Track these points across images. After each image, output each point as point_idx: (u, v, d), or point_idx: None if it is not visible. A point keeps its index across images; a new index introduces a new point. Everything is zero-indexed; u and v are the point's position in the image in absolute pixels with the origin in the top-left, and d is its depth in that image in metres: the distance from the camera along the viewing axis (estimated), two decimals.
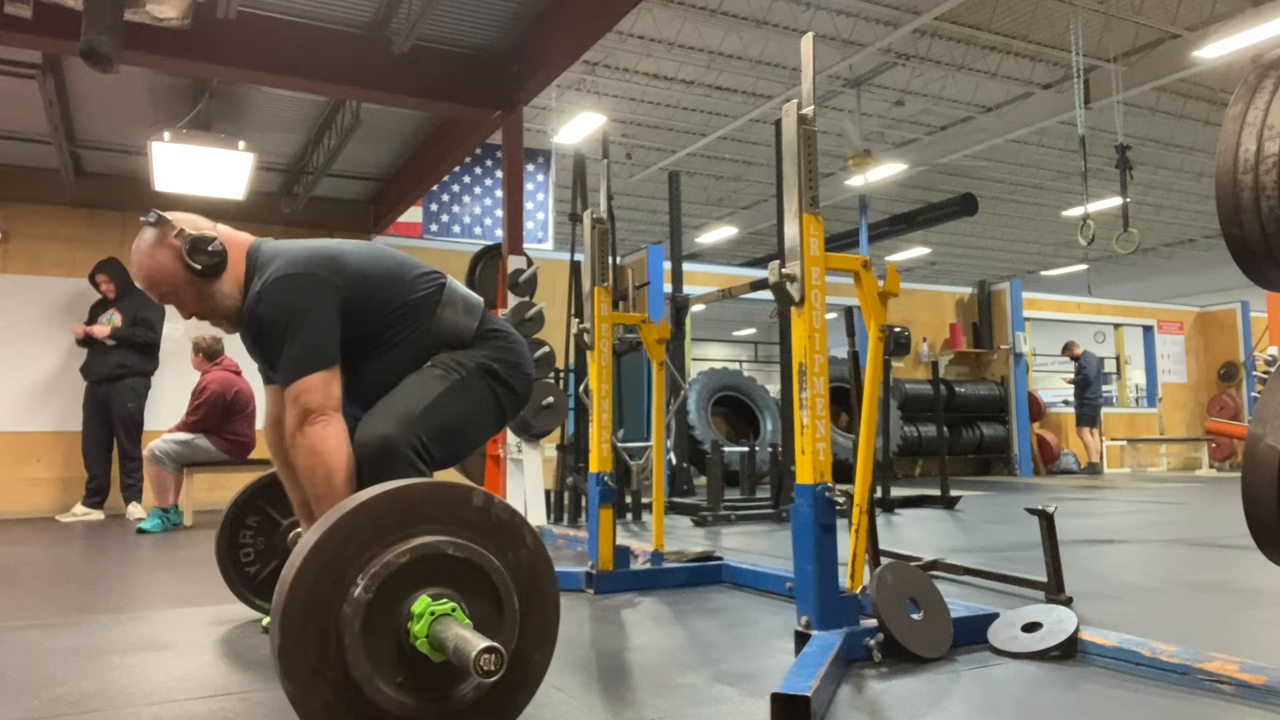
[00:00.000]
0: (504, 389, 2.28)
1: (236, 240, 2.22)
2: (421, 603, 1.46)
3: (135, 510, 6.49)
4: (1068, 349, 11.92)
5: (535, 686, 1.63)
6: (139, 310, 6.71)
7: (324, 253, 2.16)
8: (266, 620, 2.61)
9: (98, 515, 6.64)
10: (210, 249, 2.14)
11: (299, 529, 2.64)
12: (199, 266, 2.13)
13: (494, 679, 1.38)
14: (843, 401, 9.38)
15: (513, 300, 5.63)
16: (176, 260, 2.14)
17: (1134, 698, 1.84)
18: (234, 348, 6.52)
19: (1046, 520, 2.64)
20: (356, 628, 1.42)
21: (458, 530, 1.53)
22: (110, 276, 6.75)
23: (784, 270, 2.16)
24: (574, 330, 4.50)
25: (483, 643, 1.37)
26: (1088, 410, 11.58)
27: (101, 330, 6.58)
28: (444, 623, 1.44)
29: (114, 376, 6.58)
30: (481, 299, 2.39)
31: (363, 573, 1.45)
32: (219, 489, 7.17)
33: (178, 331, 7.22)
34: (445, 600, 1.47)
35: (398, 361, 2.20)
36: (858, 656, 2.10)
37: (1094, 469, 11.55)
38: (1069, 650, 2.15)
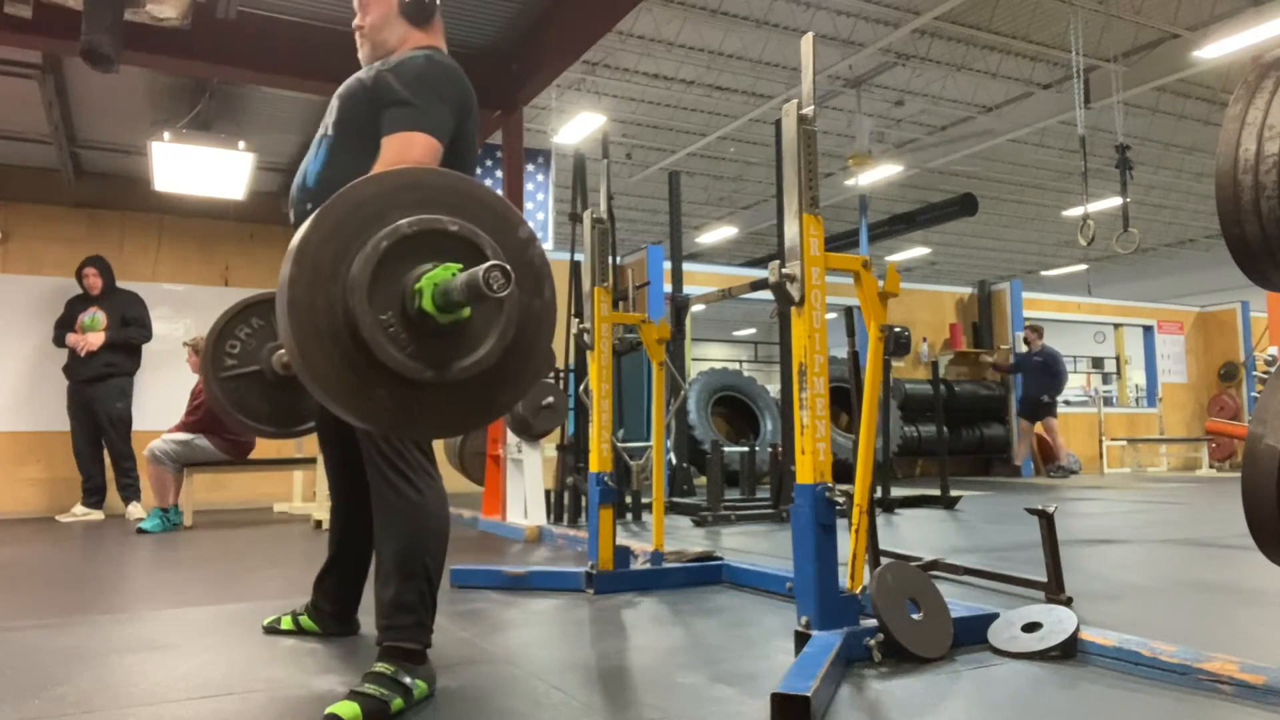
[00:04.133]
0: None
1: (435, 33, 2.35)
2: (442, 270, 1.58)
3: (135, 510, 6.47)
4: (1030, 332, 10.75)
5: (517, 389, 1.76)
6: (126, 309, 6.64)
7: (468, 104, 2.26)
8: (269, 620, 2.61)
9: (97, 515, 6.62)
10: (428, 3, 2.31)
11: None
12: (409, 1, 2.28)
13: (504, 295, 1.49)
14: (843, 401, 9.37)
15: None
16: None
17: (1134, 698, 1.85)
18: None
19: (1046, 520, 2.64)
20: (365, 281, 1.54)
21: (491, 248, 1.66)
22: (99, 271, 6.68)
23: (784, 270, 2.16)
24: (574, 330, 4.49)
25: (489, 263, 1.48)
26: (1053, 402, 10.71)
27: (97, 338, 6.50)
28: (450, 276, 1.57)
29: (100, 376, 6.51)
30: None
31: (402, 219, 1.60)
32: (219, 489, 7.18)
33: (176, 331, 7.22)
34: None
35: None
36: (858, 656, 2.10)
37: (1067, 469, 10.59)
38: (1069, 650, 2.15)
